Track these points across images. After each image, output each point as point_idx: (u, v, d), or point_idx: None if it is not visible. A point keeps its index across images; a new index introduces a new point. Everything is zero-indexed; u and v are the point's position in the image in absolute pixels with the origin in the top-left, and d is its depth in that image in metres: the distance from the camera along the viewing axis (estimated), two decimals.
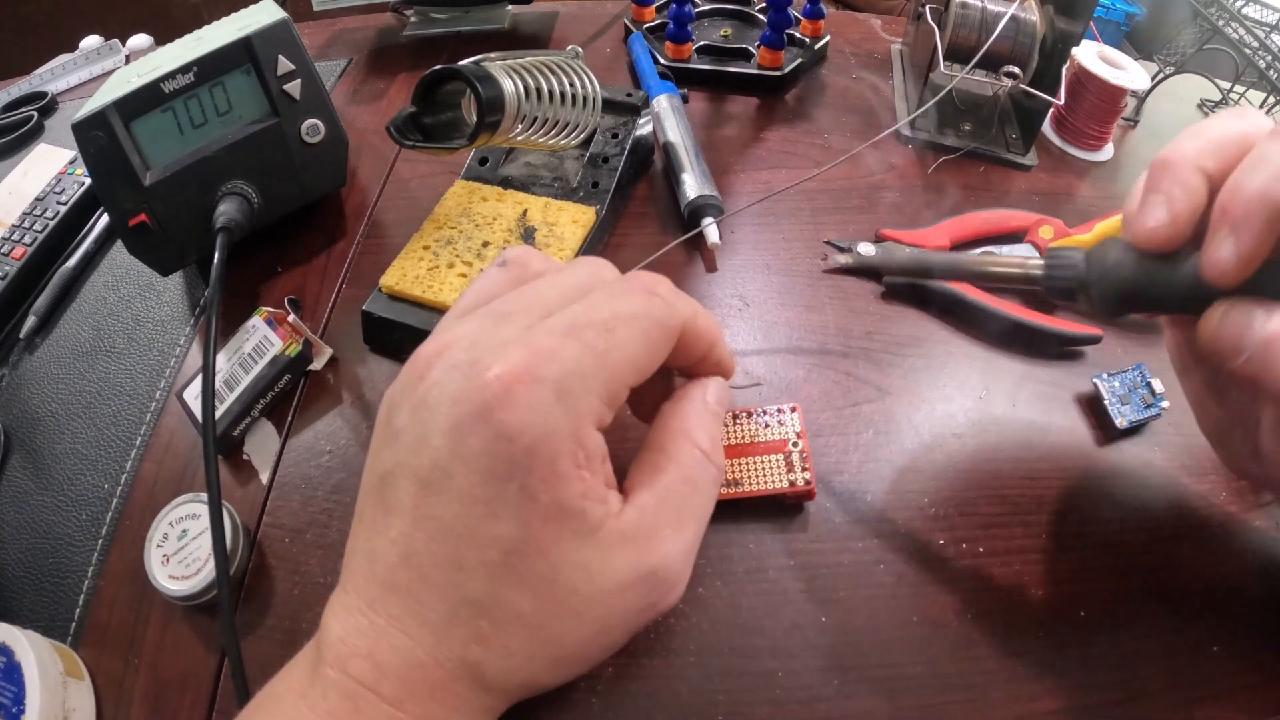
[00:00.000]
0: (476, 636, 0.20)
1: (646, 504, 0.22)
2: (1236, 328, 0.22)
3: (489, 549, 0.20)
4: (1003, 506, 0.31)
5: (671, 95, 0.48)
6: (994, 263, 0.27)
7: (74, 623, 0.31)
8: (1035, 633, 0.28)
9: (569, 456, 0.21)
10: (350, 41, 0.64)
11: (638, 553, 0.22)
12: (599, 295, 0.23)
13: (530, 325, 0.22)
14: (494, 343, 0.21)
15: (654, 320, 0.23)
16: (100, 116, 0.37)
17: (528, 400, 0.20)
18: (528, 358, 0.20)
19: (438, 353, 0.22)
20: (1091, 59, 0.47)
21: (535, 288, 0.24)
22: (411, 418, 0.21)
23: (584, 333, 0.21)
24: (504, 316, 0.22)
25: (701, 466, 0.24)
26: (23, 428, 0.39)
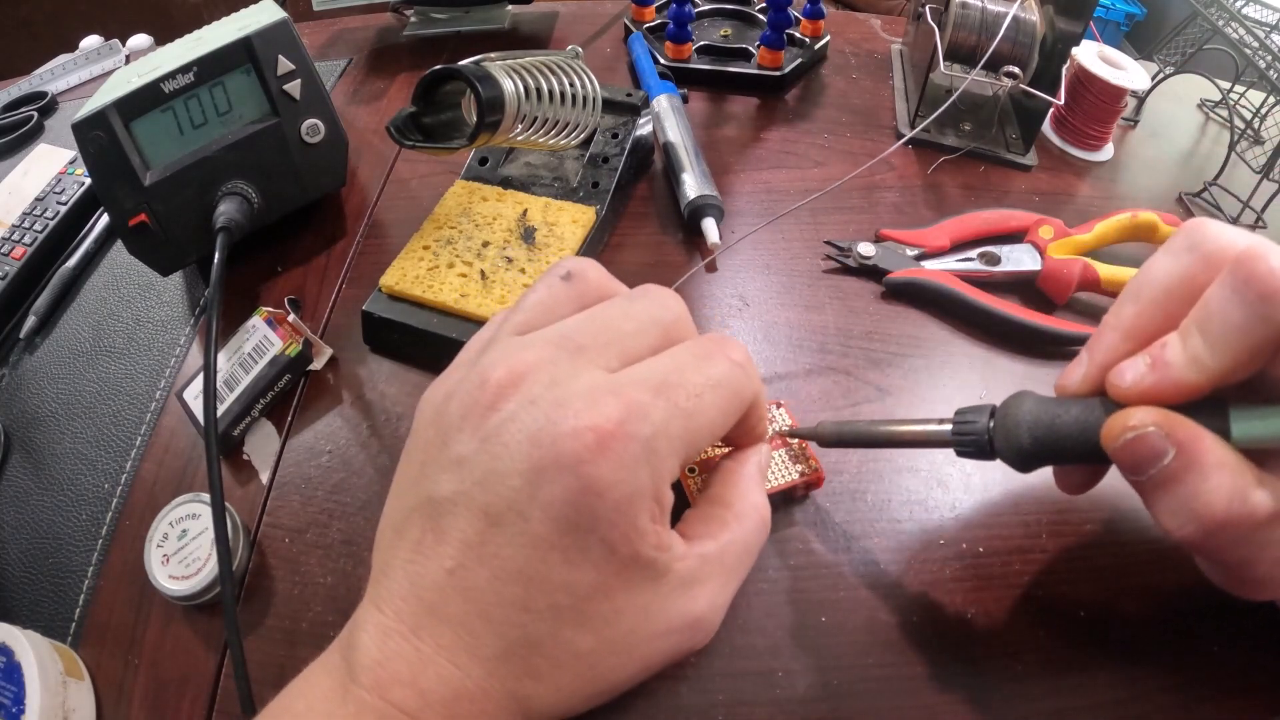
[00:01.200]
0: (530, 672, 0.20)
1: (709, 555, 0.23)
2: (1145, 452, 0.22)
3: (559, 594, 0.20)
4: (1003, 507, 0.31)
5: (671, 95, 0.49)
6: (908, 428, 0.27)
7: (74, 623, 0.31)
8: (1035, 633, 0.28)
9: (648, 512, 0.21)
10: (350, 41, 0.64)
11: (691, 600, 0.22)
12: (686, 353, 0.23)
13: (609, 366, 0.22)
14: (579, 386, 0.21)
15: (735, 391, 0.23)
16: (100, 116, 0.37)
17: (619, 458, 0.20)
18: (621, 412, 0.20)
19: (511, 382, 0.21)
20: (1091, 59, 0.47)
21: (608, 318, 0.23)
22: (480, 449, 0.20)
23: (675, 393, 0.21)
24: (580, 350, 0.22)
25: (759, 527, 0.25)
26: (23, 428, 0.39)
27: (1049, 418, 0.24)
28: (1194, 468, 0.21)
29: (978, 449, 0.25)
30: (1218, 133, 0.53)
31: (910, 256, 0.41)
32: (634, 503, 0.20)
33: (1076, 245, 0.40)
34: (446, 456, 0.21)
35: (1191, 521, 0.21)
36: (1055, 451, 0.24)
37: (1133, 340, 0.24)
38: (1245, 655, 0.27)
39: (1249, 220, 0.44)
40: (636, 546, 0.20)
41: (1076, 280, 0.38)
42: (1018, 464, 0.25)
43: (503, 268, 0.37)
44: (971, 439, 0.25)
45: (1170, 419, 0.21)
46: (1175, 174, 0.49)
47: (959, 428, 0.26)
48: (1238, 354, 0.21)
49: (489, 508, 0.20)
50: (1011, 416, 0.24)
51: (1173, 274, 0.23)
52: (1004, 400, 0.25)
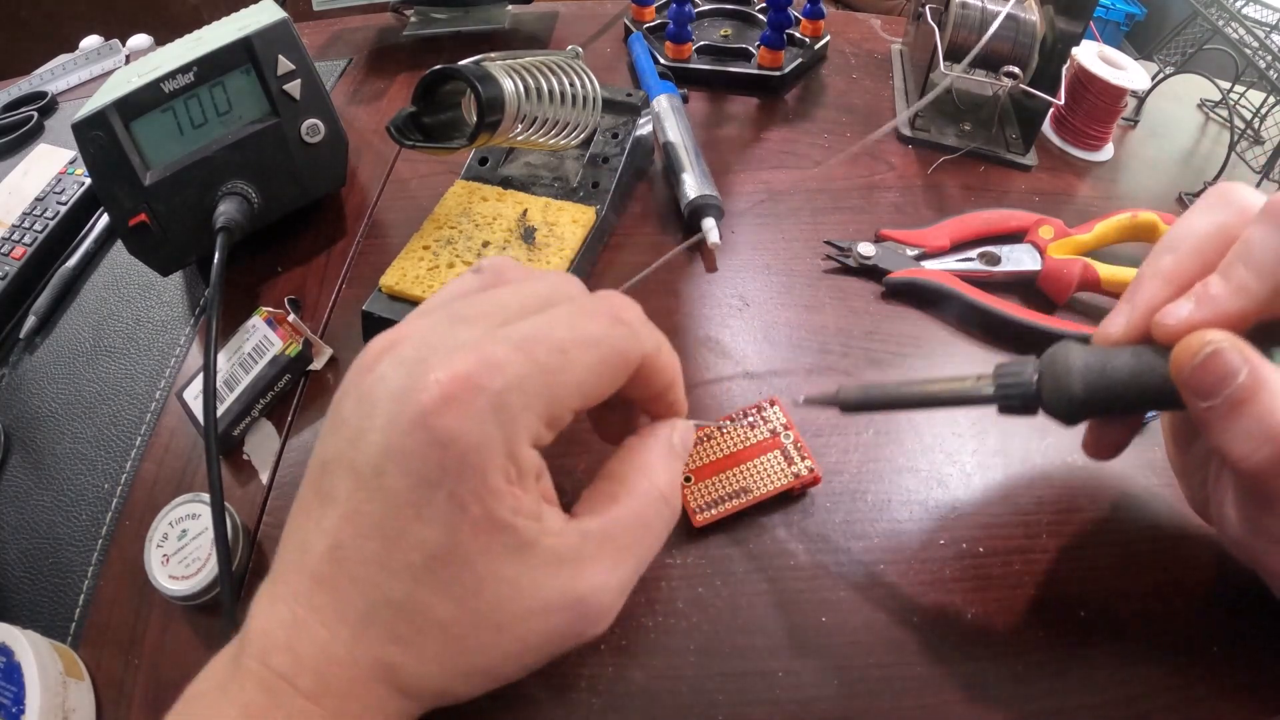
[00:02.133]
0: (394, 638, 0.20)
1: (590, 531, 0.22)
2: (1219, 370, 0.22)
3: (413, 552, 0.20)
4: (1003, 506, 0.31)
5: (671, 95, 0.48)
6: (943, 385, 0.26)
7: (74, 623, 0.31)
8: (1035, 633, 0.28)
9: (500, 470, 0.20)
10: (350, 41, 0.64)
11: (570, 577, 0.21)
12: (562, 311, 0.22)
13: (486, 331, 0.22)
14: (446, 345, 0.21)
15: (613, 348, 0.22)
16: (100, 116, 0.37)
17: (464, 408, 0.20)
18: (473, 365, 0.20)
19: (390, 345, 0.22)
20: (1091, 59, 0.47)
21: (497, 294, 0.23)
22: (355, 408, 0.21)
23: (537, 348, 0.21)
24: (460, 319, 0.22)
25: (657, 507, 0.24)
26: (23, 428, 0.39)
27: (1100, 365, 0.23)
28: (1266, 387, 0.21)
29: (1024, 402, 0.24)
30: (1218, 133, 0.53)
31: (910, 256, 0.41)
32: (481, 455, 0.20)
33: (1076, 245, 0.40)
34: (335, 419, 0.22)
35: (1268, 442, 0.21)
36: (1109, 399, 0.23)
37: (1173, 286, 0.24)
38: (1245, 655, 0.27)
39: None
40: (489, 505, 0.20)
41: (1076, 280, 0.38)
42: (1067, 416, 0.24)
43: None
44: (1018, 392, 0.24)
45: (1239, 339, 0.22)
46: (1175, 174, 0.49)
47: (1003, 380, 0.25)
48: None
49: (355, 463, 0.20)
50: (1061, 365, 0.24)
51: (1209, 224, 0.24)
52: (1047, 352, 0.25)
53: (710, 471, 0.31)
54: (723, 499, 0.30)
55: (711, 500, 0.30)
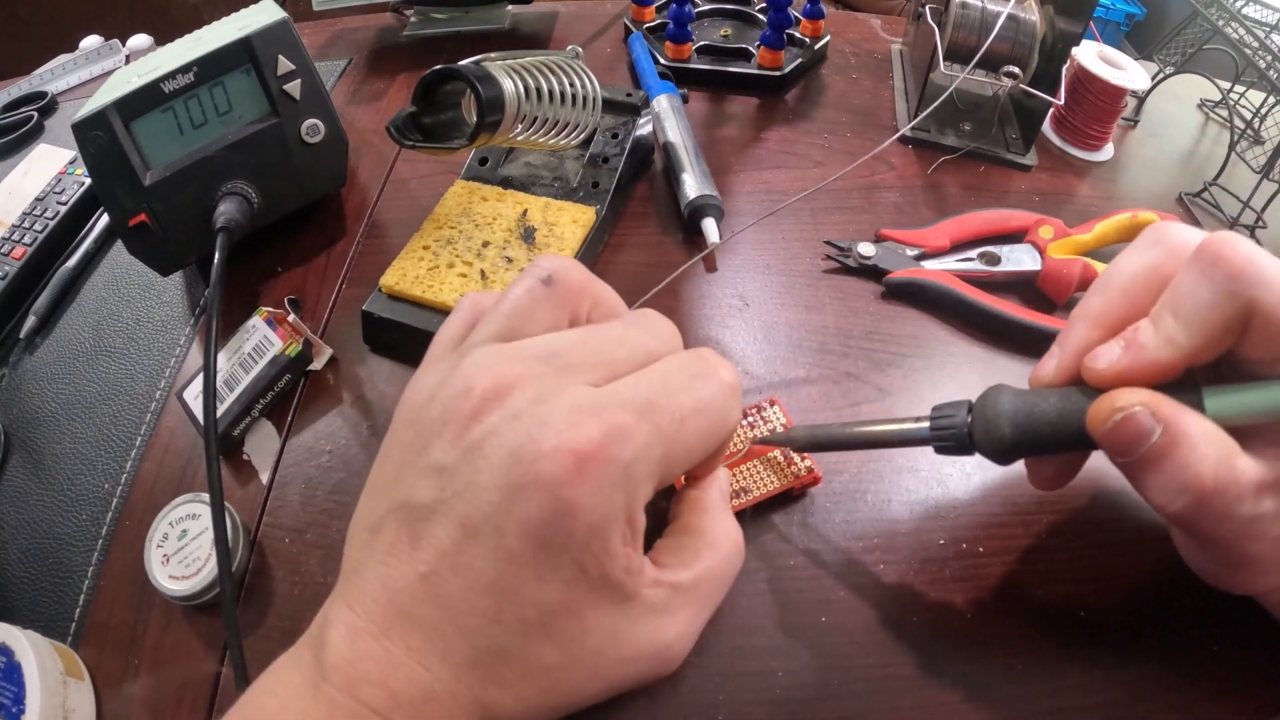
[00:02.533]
0: (496, 681, 0.20)
1: (683, 584, 0.23)
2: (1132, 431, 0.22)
3: (529, 609, 0.20)
4: (1003, 506, 0.31)
5: (671, 95, 0.48)
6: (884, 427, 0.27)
7: (74, 623, 0.32)
8: (1035, 633, 0.28)
9: (620, 536, 0.21)
10: (350, 41, 0.64)
11: (660, 628, 0.22)
12: (676, 372, 0.22)
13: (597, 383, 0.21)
14: (563, 403, 0.20)
15: (720, 418, 0.23)
16: (100, 116, 0.37)
17: (596, 481, 0.20)
18: (603, 435, 0.20)
19: (496, 394, 0.21)
20: (1091, 59, 0.47)
21: (601, 341, 0.23)
22: (461, 459, 0.20)
23: (660, 416, 0.21)
24: (567, 369, 0.22)
25: (735, 558, 0.24)
26: (23, 428, 0.39)
27: (1028, 407, 0.24)
28: (1181, 441, 0.21)
29: (957, 444, 0.25)
30: (1218, 133, 0.53)
31: (910, 256, 0.41)
32: (608, 526, 0.20)
33: (1076, 245, 0.40)
34: (426, 462, 0.21)
35: (1182, 494, 0.21)
36: (1036, 441, 0.24)
37: (1103, 329, 0.24)
38: (1245, 655, 0.27)
39: (1249, 220, 0.44)
40: (606, 568, 0.20)
41: (1076, 280, 0.38)
42: (998, 456, 0.25)
43: (503, 268, 0.37)
44: (951, 434, 0.25)
45: (1154, 397, 0.22)
46: (1175, 174, 0.49)
47: (937, 424, 0.26)
48: (1209, 331, 0.22)
49: (466, 519, 0.20)
50: (990, 409, 0.24)
51: (1140, 265, 0.24)
52: (980, 395, 0.25)
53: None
54: None
55: None
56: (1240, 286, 0.21)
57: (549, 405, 0.20)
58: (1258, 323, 0.21)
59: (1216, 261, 0.22)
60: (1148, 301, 0.24)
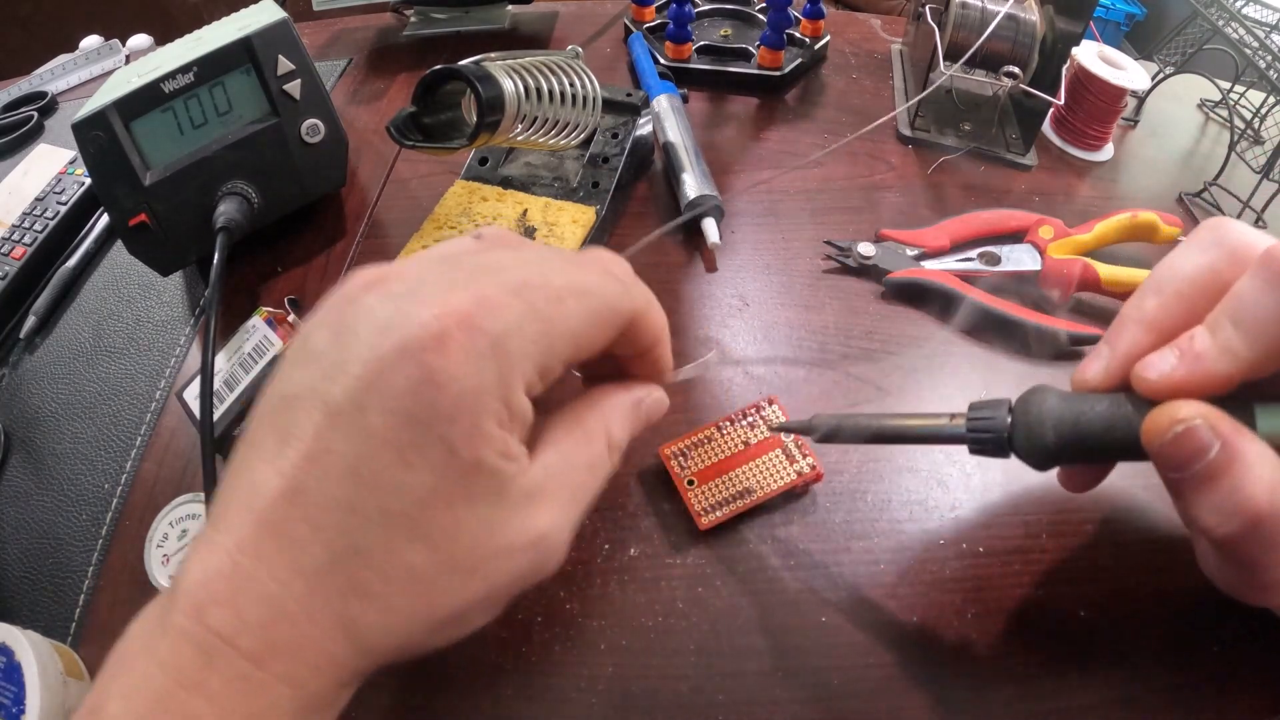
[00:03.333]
0: (357, 589, 0.18)
1: (551, 465, 0.21)
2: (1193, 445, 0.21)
3: (391, 496, 0.18)
4: (1002, 506, 0.31)
5: (671, 95, 0.48)
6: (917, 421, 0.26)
7: (74, 623, 0.31)
8: (1035, 633, 0.28)
9: (494, 415, 0.19)
10: (350, 41, 0.64)
11: (534, 515, 0.21)
12: (555, 261, 0.22)
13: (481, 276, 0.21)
14: (440, 283, 0.20)
15: (606, 301, 0.22)
16: (100, 116, 0.37)
17: (464, 348, 0.19)
18: (471, 304, 0.19)
19: (378, 280, 0.20)
20: (1091, 59, 0.47)
21: (493, 251, 0.22)
22: (333, 341, 0.19)
23: (534, 295, 0.20)
24: (454, 262, 0.21)
25: (603, 458, 0.23)
26: (23, 428, 0.39)
27: (1074, 415, 0.23)
28: (1238, 460, 0.20)
29: (996, 447, 0.24)
30: (1218, 133, 0.53)
31: (910, 256, 0.41)
32: (478, 399, 0.19)
33: (1076, 245, 0.40)
34: (303, 354, 0.20)
35: (1235, 516, 0.20)
36: (1081, 450, 0.23)
37: (1156, 333, 0.23)
38: (1245, 655, 0.27)
39: (1249, 220, 0.44)
40: (480, 450, 0.19)
41: (1076, 280, 0.38)
42: (1039, 462, 0.24)
43: None
44: (990, 436, 0.24)
45: (1213, 412, 0.21)
46: (1175, 174, 0.49)
47: (975, 424, 0.24)
48: (1271, 344, 0.21)
49: (329, 399, 0.18)
50: (1034, 413, 0.23)
51: (1200, 267, 0.23)
52: (1021, 396, 0.24)
53: (713, 474, 0.31)
54: (727, 501, 0.30)
55: (716, 503, 0.30)
56: None
57: (426, 285, 0.20)
58: None
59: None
60: (1205, 307, 0.22)
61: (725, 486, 0.30)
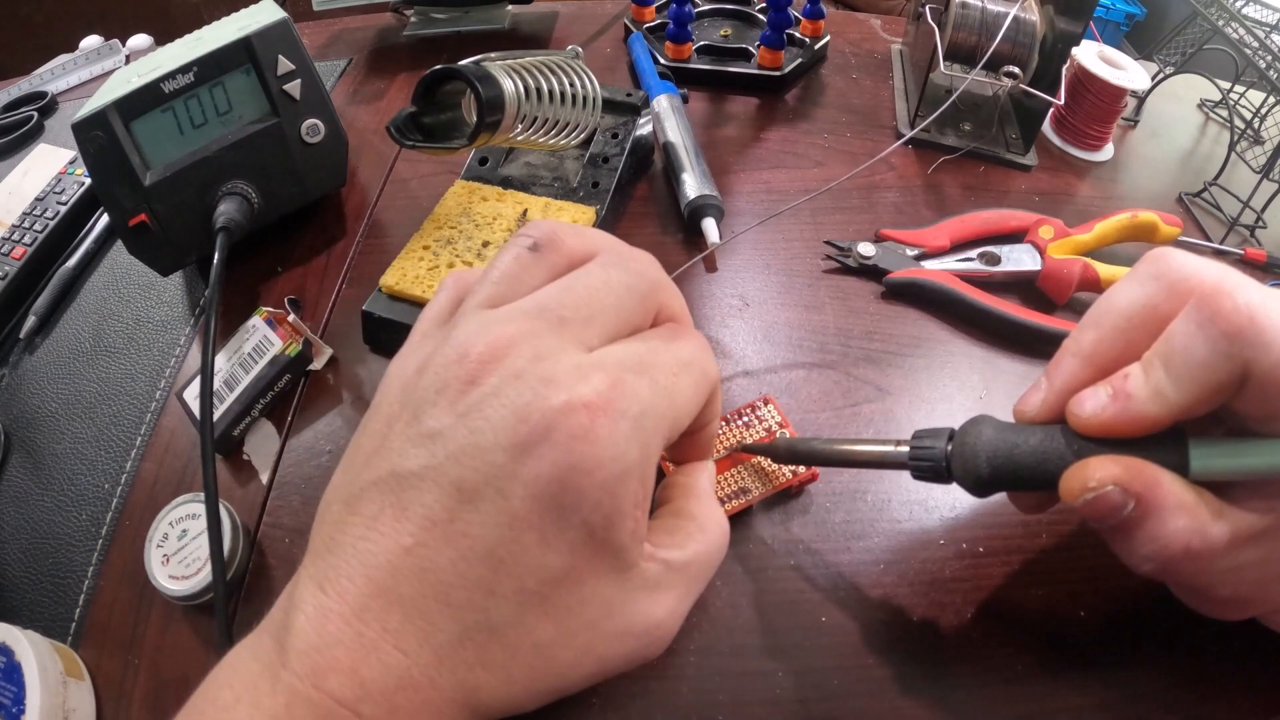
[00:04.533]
0: (484, 661, 0.19)
1: (675, 562, 0.22)
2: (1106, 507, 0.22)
3: (529, 579, 0.19)
4: (1002, 506, 0.31)
5: (671, 95, 0.48)
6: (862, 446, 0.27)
7: (74, 623, 0.31)
8: (1035, 633, 0.28)
9: (633, 496, 0.20)
10: (350, 41, 0.64)
11: (653, 604, 0.21)
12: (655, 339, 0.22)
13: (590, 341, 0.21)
14: (565, 361, 0.20)
15: (704, 371, 0.23)
16: (100, 116, 0.37)
17: (609, 434, 0.19)
18: (611, 388, 0.19)
19: (494, 356, 0.20)
20: (1091, 59, 0.47)
21: (587, 289, 0.22)
22: (457, 423, 0.19)
23: (655, 373, 0.21)
24: (561, 323, 0.21)
25: (722, 544, 0.24)
26: (23, 428, 0.39)
27: (1008, 447, 0.24)
28: (1153, 514, 0.21)
29: (934, 474, 0.25)
30: (1218, 133, 0.53)
31: (910, 256, 0.41)
32: (623, 482, 0.19)
33: (1076, 245, 0.40)
34: (417, 430, 0.20)
35: (1151, 560, 0.22)
36: (1012, 480, 0.24)
37: (1093, 367, 0.23)
38: (1245, 655, 0.27)
39: (1249, 220, 0.44)
40: (615, 530, 0.20)
41: (1076, 280, 0.38)
42: (974, 490, 0.25)
43: None
44: (929, 464, 0.25)
45: (1128, 469, 0.21)
46: (1175, 174, 0.49)
47: (916, 451, 0.25)
48: (1201, 389, 0.21)
49: (463, 483, 0.19)
50: (970, 444, 0.24)
51: (1136, 301, 0.23)
52: (962, 425, 0.25)
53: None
54: (723, 500, 0.30)
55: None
56: (1237, 347, 0.20)
57: (551, 362, 0.20)
58: (1254, 384, 0.20)
59: (1214, 318, 0.20)
60: (1143, 342, 0.22)
61: (721, 485, 0.30)
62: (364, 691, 0.18)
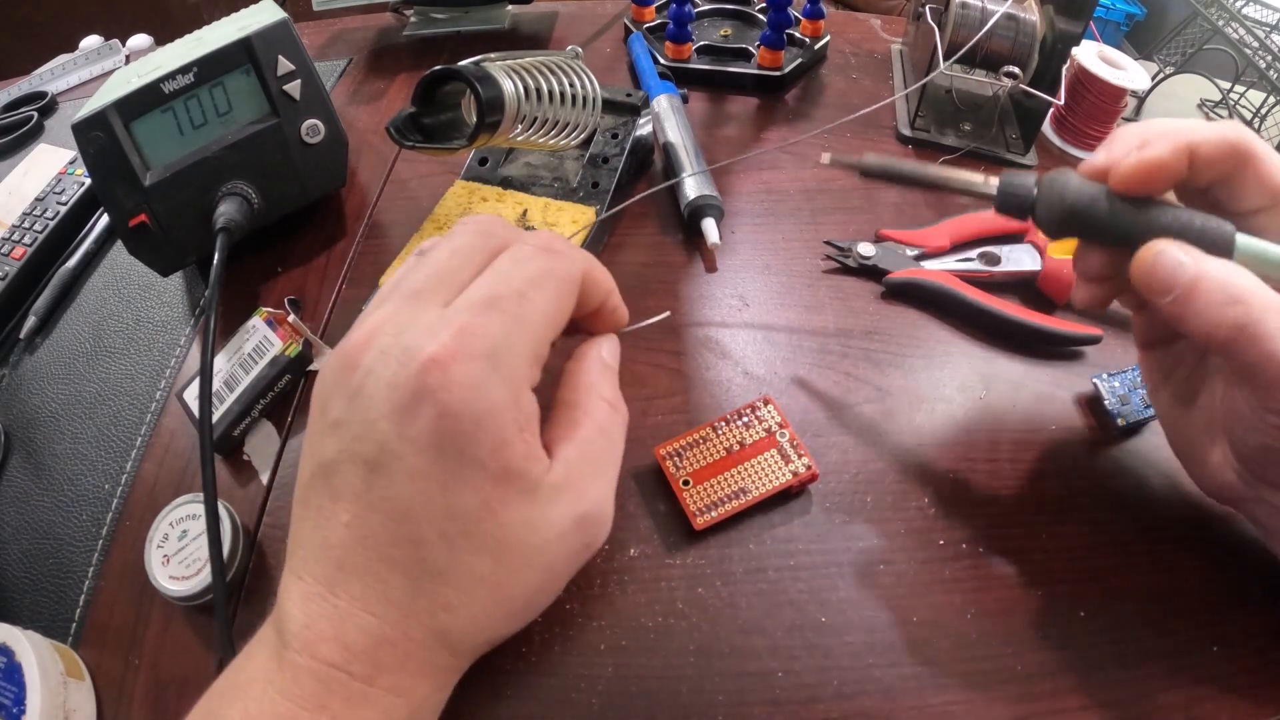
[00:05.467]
0: (443, 605, 0.21)
1: (570, 457, 0.24)
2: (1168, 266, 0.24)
3: (446, 521, 0.21)
4: (1003, 506, 0.31)
5: (671, 95, 0.48)
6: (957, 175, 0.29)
7: (74, 623, 0.32)
8: (1035, 633, 0.28)
9: (511, 422, 0.22)
10: (350, 41, 0.64)
11: (570, 502, 0.23)
12: (504, 264, 0.24)
13: (446, 301, 0.23)
14: (418, 325, 0.22)
15: (558, 277, 0.24)
16: (100, 117, 0.37)
17: (466, 377, 0.21)
18: (456, 336, 0.21)
19: (365, 341, 0.22)
20: (1091, 59, 0.47)
21: (436, 261, 0.24)
22: (349, 406, 0.22)
23: (502, 303, 0.23)
24: (417, 295, 0.23)
25: (610, 417, 0.26)
26: (23, 428, 0.39)
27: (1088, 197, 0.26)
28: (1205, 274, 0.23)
29: (1019, 209, 0.27)
30: None
31: (910, 256, 0.41)
32: (493, 415, 0.21)
33: None
34: (325, 422, 0.22)
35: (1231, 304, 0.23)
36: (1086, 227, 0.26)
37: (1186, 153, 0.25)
38: (1245, 655, 0.27)
39: None
40: (504, 458, 0.22)
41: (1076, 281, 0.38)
42: (1052, 229, 0.27)
43: None
44: (1017, 198, 0.27)
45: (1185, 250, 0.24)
46: None
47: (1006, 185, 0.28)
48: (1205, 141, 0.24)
49: (365, 456, 0.21)
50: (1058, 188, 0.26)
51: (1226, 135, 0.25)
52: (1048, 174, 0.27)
53: (708, 474, 0.31)
54: (722, 500, 0.30)
55: (711, 503, 0.30)
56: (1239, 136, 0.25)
57: (409, 332, 0.22)
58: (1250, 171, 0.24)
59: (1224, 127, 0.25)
60: None
61: (721, 486, 0.30)
62: (350, 654, 0.20)
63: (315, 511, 0.22)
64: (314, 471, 0.22)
